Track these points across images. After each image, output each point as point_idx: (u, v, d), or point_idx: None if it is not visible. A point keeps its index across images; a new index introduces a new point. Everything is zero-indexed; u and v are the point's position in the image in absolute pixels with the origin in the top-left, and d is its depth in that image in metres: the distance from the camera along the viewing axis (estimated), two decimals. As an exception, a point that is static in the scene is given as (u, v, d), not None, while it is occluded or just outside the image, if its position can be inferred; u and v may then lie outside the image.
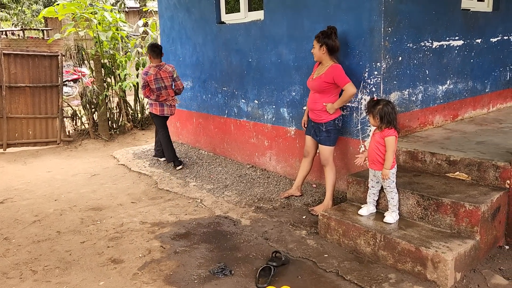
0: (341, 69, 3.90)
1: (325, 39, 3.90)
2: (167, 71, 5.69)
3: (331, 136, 4.10)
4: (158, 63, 5.69)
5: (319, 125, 4.10)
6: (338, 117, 4.08)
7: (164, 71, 5.67)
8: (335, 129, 4.09)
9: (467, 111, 5.09)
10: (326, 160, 4.15)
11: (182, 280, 3.03)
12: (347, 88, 3.85)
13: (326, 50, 3.93)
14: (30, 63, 7.30)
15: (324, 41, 3.91)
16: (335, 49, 3.94)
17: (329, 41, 3.89)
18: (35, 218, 4.30)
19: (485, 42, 5.14)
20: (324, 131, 4.08)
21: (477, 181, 3.43)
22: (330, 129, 4.06)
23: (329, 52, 3.94)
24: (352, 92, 3.87)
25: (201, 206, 4.43)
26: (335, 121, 4.06)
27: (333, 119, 4.04)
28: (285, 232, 3.71)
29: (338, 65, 3.93)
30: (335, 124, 4.06)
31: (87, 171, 5.96)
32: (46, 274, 3.19)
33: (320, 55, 3.98)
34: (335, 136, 4.13)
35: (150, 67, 5.67)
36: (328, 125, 4.06)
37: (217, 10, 5.79)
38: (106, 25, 7.86)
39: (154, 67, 5.65)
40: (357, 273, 2.99)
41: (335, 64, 3.93)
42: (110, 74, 8.17)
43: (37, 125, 7.45)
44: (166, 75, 5.68)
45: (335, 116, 4.04)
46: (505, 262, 3.09)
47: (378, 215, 3.40)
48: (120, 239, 3.74)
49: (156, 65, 5.67)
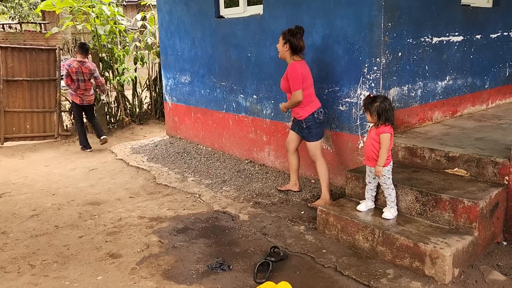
0: (295, 70, 3.91)
1: (290, 37, 3.95)
2: (88, 68, 6.62)
3: (313, 131, 4.10)
4: (82, 59, 6.61)
5: (300, 122, 4.13)
6: (317, 111, 4.07)
7: (86, 67, 6.60)
8: (316, 123, 4.08)
9: (466, 107, 5.08)
10: (314, 156, 4.16)
11: (180, 275, 3.03)
12: (294, 95, 3.95)
13: (289, 48, 3.97)
14: (27, 56, 7.26)
15: (289, 39, 3.96)
16: (298, 48, 3.97)
17: (293, 40, 3.94)
18: (33, 212, 4.29)
19: (485, 38, 5.12)
20: (305, 128, 4.10)
21: (476, 177, 3.43)
22: (310, 125, 4.07)
23: (291, 51, 3.98)
24: (298, 100, 3.96)
25: (199, 201, 4.42)
26: (314, 115, 4.05)
27: (311, 114, 4.04)
28: (283, 228, 3.71)
29: (296, 64, 3.95)
30: (314, 118, 4.06)
31: (85, 166, 5.94)
32: (44, 269, 3.18)
33: (283, 52, 4.03)
34: (318, 130, 4.12)
35: (74, 61, 6.60)
36: (307, 121, 4.06)
37: (216, 4, 5.76)
38: (104, 19, 7.81)
39: (77, 61, 6.58)
40: (355, 269, 3.00)
41: (292, 62, 3.98)
42: (108, 68, 8.13)
43: (34, 119, 7.42)
44: (87, 71, 6.62)
45: (312, 110, 4.04)
46: (503, 258, 3.10)
47: (377, 211, 3.41)
48: (118, 233, 3.73)
49: (79, 60, 6.59)
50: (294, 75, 3.92)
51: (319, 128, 4.12)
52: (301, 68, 3.96)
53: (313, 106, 4.05)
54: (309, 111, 4.04)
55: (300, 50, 4.00)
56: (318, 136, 4.14)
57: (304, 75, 3.96)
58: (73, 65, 6.52)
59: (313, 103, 4.06)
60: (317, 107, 4.08)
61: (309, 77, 4.04)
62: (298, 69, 3.93)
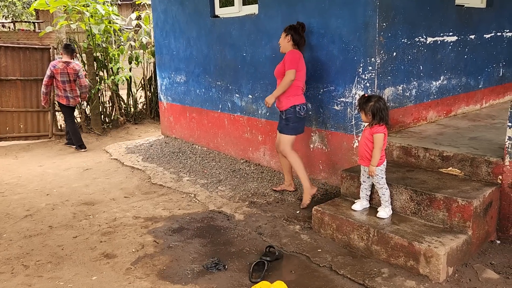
0: (294, 54, 4.00)
1: (291, 31, 4.11)
2: (73, 69, 6.59)
3: (290, 124, 4.11)
4: (67, 59, 6.58)
5: (281, 113, 4.16)
6: (300, 105, 4.08)
7: (71, 68, 6.57)
8: (296, 117, 4.08)
9: (461, 107, 5.11)
10: (283, 150, 4.17)
11: (176, 275, 3.02)
12: (287, 73, 3.95)
13: (291, 40, 4.09)
14: (21, 55, 7.21)
15: (290, 33, 4.10)
16: (299, 41, 4.12)
17: (295, 34, 4.09)
18: (27, 212, 4.26)
19: (479, 38, 5.16)
20: (284, 119, 4.12)
21: (470, 177, 3.45)
22: (289, 117, 4.08)
23: (293, 43, 4.10)
24: (290, 79, 3.94)
25: (194, 201, 4.42)
26: (296, 108, 4.06)
27: (293, 106, 4.05)
28: (278, 227, 3.72)
29: (296, 51, 4.05)
30: (295, 112, 4.06)
31: (80, 166, 5.91)
32: (38, 269, 3.17)
33: (284, 44, 4.13)
34: (296, 125, 4.13)
35: (59, 62, 6.57)
36: (288, 112, 4.08)
37: (211, 3, 5.75)
38: (99, 18, 7.77)
39: (63, 62, 6.56)
40: (350, 268, 3.00)
41: (292, 50, 4.06)
42: (103, 68, 8.10)
43: (28, 118, 7.38)
44: (72, 71, 6.59)
45: (295, 103, 4.06)
46: (496, 256, 3.12)
47: (372, 210, 3.42)
48: (113, 234, 3.72)
49: (65, 61, 6.57)
50: (292, 57, 3.99)
51: (297, 123, 4.13)
52: (299, 55, 4.05)
53: (297, 100, 4.07)
54: (292, 102, 4.06)
55: (301, 44, 4.15)
56: (294, 131, 4.15)
57: (299, 64, 4.03)
58: (58, 66, 6.51)
59: (298, 97, 4.09)
60: (301, 101, 4.10)
61: (303, 69, 4.09)
62: (297, 55, 4.03)
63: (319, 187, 4.51)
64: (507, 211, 3.29)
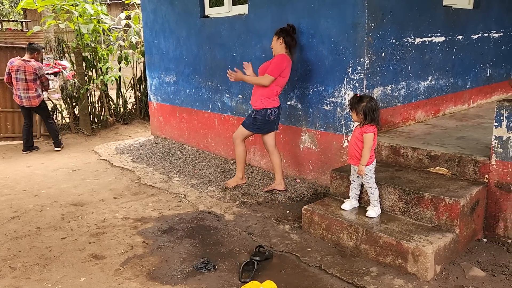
0: (282, 61, 4.11)
1: (283, 34, 4.20)
2: (32, 67, 6.41)
3: (256, 124, 4.29)
4: (27, 58, 6.46)
5: (251, 111, 4.33)
6: (272, 109, 4.22)
7: (29, 66, 6.40)
8: (264, 120, 4.25)
9: (448, 107, 5.17)
10: (235, 138, 4.45)
11: (165, 275, 3.01)
12: (266, 77, 4.11)
13: (284, 42, 4.18)
14: (8, 55, 7.10)
15: (282, 35, 4.20)
16: (292, 44, 4.23)
17: (287, 37, 4.19)
18: (14, 214, 4.22)
19: (466, 38, 5.22)
20: (252, 117, 4.30)
21: (457, 176, 3.49)
22: (257, 118, 4.26)
23: (286, 45, 4.19)
24: (264, 83, 4.12)
25: (184, 201, 4.40)
26: (267, 111, 4.21)
27: (265, 109, 4.21)
28: (268, 227, 3.72)
29: (285, 57, 4.16)
30: (265, 115, 4.22)
31: (68, 166, 5.86)
32: (26, 271, 3.13)
33: (277, 47, 4.22)
34: (261, 126, 4.30)
35: (17, 59, 6.45)
36: (258, 113, 4.25)
37: (201, 3, 5.74)
38: (88, 18, 7.70)
39: (21, 60, 6.43)
40: (339, 267, 3.02)
41: (283, 54, 4.17)
42: (92, 68, 8.03)
43: (16, 119, 7.28)
44: (31, 69, 6.40)
45: (267, 106, 4.20)
46: (483, 254, 3.16)
47: (361, 210, 3.44)
48: (102, 235, 3.69)
49: (24, 59, 6.44)
50: (279, 64, 4.11)
51: (264, 125, 4.29)
52: (288, 63, 4.17)
53: (271, 103, 4.22)
54: (265, 105, 4.21)
55: (294, 46, 4.26)
56: (257, 130, 4.35)
57: (285, 71, 4.17)
58: (14, 63, 6.38)
59: (273, 101, 4.24)
60: (273, 105, 4.24)
61: (286, 76, 4.21)
62: (285, 63, 4.14)
63: (308, 187, 4.53)
64: (494, 209, 3.34)
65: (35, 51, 6.54)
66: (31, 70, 6.40)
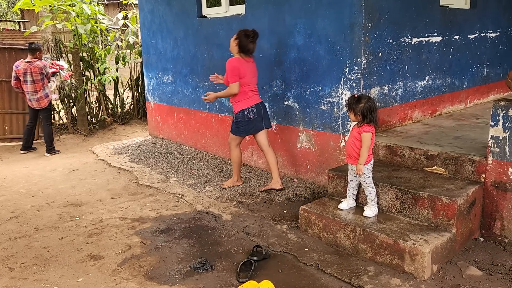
0: (233, 64, 4.20)
1: (242, 36, 4.24)
2: (37, 67, 6.40)
3: (240, 127, 4.40)
4: (30, 59, 6.41)
5: (233, 116, 4.45)
6: (248, 109, 4.30)
7: (35, 66, 6.39)
8: (245, 121, 4.34)
9: (445, 107, 5.18)
10: (230, 143, 4.56)
11: (163, 275, 3.01)
12: (231, 86, 4.23)
13: (237, 45, 4.25)
14: (6, 56, 7.05)
15: (240, 37, 4.25)
16: (245, 49, 4.25)
17: (243, 39, 4.23)
18: (12, 214, 4.21)
19: (463, 38, 5.23)
20: (234, 122, 4.43)
21: (454, 175, 3.50)
22: (239, 121, 4.37)
23: (239, 48, 4.25)
24: (233, 92, 4.24)
25: (182, 202, 4.40)
26: (244, 112, 4.31)
27: (241, 110, 4.31)
28: (266, 227, 3.73)
29: (234, 59, 4.24)
30: (243, 116, 4.32)
31: (66, 167, 5.86)
32: (23, 271, 3.13)
33: (232, 46, 4.31)
34: (245, 128, 4.39)
35: (22, 62, 6.43)
36: (237, 117, 4.36)
37: (198, 3, 5.74)
38: (85, 18, 7.70)
39: (25, 62, 6.41)
40: (337, 266, 3.03)
41: (232, 58, 4.26)
42: (89, 68, 8.02)
43: (13, 120, 7.22)
44: (37, 70, 6.39)
45: (243, 107, 4.30)
46: (480, 254, 3.17)
47: (358, 209, 3.45)
48: (99, 235, 3.69)
49: (28, 60, 6.41)
50: (230, 67, 4.21)
51: (247, 125, 4.37)
52: (239, 63, 4.22)
53: (246, 103, 4.30)
54: (241, 107, 4.30)
55: (247, 51, 4.27)
56: (244, 133, 4.44)
57: (241, 71, 4.21)
58: (20, 67, 6.38)
59: (246, 101, 4.30)
60: (249, 105, 4.31)
61: (248, 75, 4.26)
62: (234, 64, 4.21)
63: (306, 187, 4.54)
64: (490, 209, 3.35)
65: (36, 50, 6.48)
66: (37, 70, 6.39)
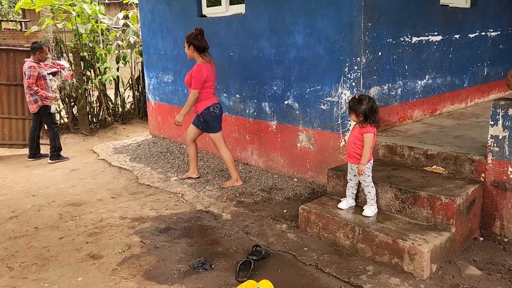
0: (201, 71, 4.35)
1: (192, 40, 4.40)
2: (24, 69, 5.99)
3: (210, 124, 4.56)
4: (31, 59, 6.03)
5: (198, 116, 4.59)
6: (213, 105, 4.51)
7: (23, 68, 6.00)
8: (212, 116, 4.52)
9: (446, 106, 5.17)
10: (217, 145, 4.68)
11: (162, 275, 3.02)
12: (192, 93, 4.40)
13: (194, 49, 4.42)
14: (4, 58, 6.70)
15: (191, 41, 4.41)
16: (201, 48, 4.42)
17: (195, 41, 4.40)
18: (12, 214, 4.22)
19: (464, 37, 5.22)
20: (203, 121, 4.57)
21: (454, 175, 3.49)
22: (206, 118, 4.52)
23: (197, 51, 4.42)
24: (194, 98, 4.42)
25: (182, 201, 4.41)
26: (210, 108, 4.50)
27: (207, 108, 4.49)
28: (265, 226, 3.73)
29: (200, 65, 4.39)
30: (210, 112, 4.50)
31: (66, 166, 5.87)
32: (23, 271, 3.14)
33: (190, 54, 4.48)
34: (215, 123, 4.57)
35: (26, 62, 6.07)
36: (204, 114, 4.51)
37: (198, 3, 5.74)
38: (85, 18, 7.71)
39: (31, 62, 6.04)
40: (336, 266, 3.03)
41: (199, 63, 4.40)
42: (90, 68, 8.03)
43: (13, 126, 6.82)
44: (23, 71, 5.99)
45: (208, 105, 4.49)
46: (479, 253, 3.17)
47: (357, 209, 3.45)
48: (99, 234, 3.70)
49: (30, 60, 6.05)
50: (199, 75, 4.36)
51: (215, 121, 4.57)
52: (207, 70, 4.40)
53: (209, 101, 4.50)
54: (206, 105, 4.49)
55: (204, 49, 4.45)
56: (216, 128, 4.59)
57: (207, 77, 4.40)
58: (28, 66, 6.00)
59: (210, 99, 4.50)
60: (213, 102, 4.52)
61: (211, 78, 4.49)
62: (204, 71, 4.37)
63: (306, 186, 4.54)
64: (490, 208, 3.35)
65: (34, 50, 6.04)
66: (23, 72, 6.02)
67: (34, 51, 6.08)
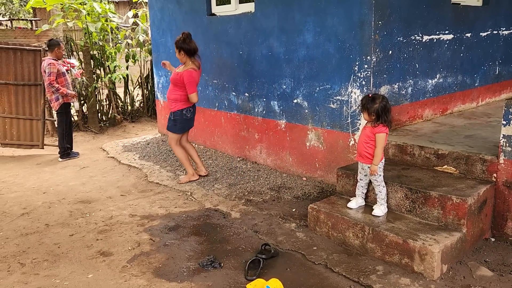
0: (192, 76, 4.50)
1: (181, 44, 4.50)
2: (43, 67, 6.01)
3: (177, 125, 4.70)
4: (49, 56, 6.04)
5: (170, 114, 4.72)
6: (186, 108, 4.65)
7: (42, 66, 6.03)
8: (182, 119, 4.68)
9: (457, 105, 5.13)
10: (170, 145, 4.81)
11: (171, 272, 3.03)
12: (192, 96, 4.56)
13: (185, 54, 4.52)
14: (12, 57, 6.61)
15: (181, 46, 4.51)
16: (192, 51, 4.54)
17: (184, 45, 4.50)
18: (23, 210, 4.27)
19: (475, 36, 5.17)
20: (172, 119, 4.70)
21: (465, 175, 3.46)
22: (177, 119, 4.67)
23: (188, 55, 4.53)
24: (194, 101, 4.61)
25: (191, 199, 4.42)
26: (183, 111, 4.65)
27: (181, 110, 4.64)
28: (274, 225, 3.73)
29: (191, 71, 4.51)
30: (182, 114, 4.66)
31: (76, 164, 5.91)
32: (35, 267, 3.17)
33: (181, 58, 4.60)
34: (182, 126, 4.73)
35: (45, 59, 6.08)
36: (176, 114, 4.67)
37: (208, 1, 5.74)
38: (96, 16, 7.76)
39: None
40: (345, 265, 3.02)
41: (189, 71, 4.51)
42: (100, 66, 8.09)
43: (21, 125, 6.77)
44: (43, 69, 6.02)
45: (182, 107, 4.63)
46: (491, 254, 3.14)
47: (367, 208, 3.43)
48: (109, 232, 3.72)
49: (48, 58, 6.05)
50: (191, 79, 4.50)
51: (184, 123, 4.72)
52: (196, 75, 4.58)
53: (184, 104, 4.64)
54: (180, 107, 4.64)
55: (194, 52, 4.56)
56: (181, 130, 4.76)
57: (196, 81, 4.59)
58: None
59: (185, 102, 4.64)
60: (188, 105, 4.66)
61: (196, 84, 4.65)
62: (195, 77, 4.55)
63: (315, 185, 4.53)
64: (502, 208, 3.31)
65: (52, 47, 5.98)
66: (43, 70, 6.02)
67: (52, 47, 6.00)
